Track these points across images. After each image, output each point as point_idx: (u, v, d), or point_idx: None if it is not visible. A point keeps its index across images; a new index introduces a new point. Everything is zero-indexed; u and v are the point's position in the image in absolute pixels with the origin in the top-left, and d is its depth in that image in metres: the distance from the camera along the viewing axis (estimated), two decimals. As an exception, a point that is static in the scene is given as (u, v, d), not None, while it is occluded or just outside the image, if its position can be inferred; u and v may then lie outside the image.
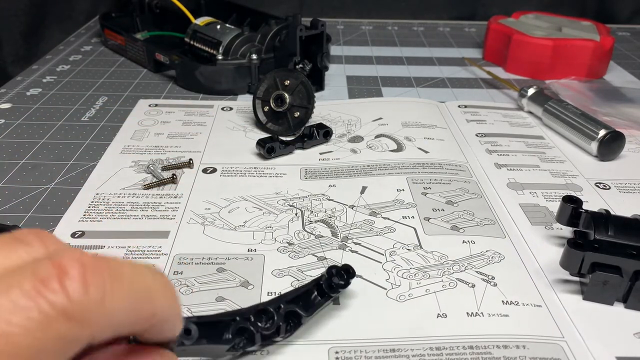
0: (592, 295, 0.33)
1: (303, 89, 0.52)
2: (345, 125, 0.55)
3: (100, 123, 0.55)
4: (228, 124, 0.55)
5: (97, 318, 0.17)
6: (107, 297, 0.17)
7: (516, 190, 0.45)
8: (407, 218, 0.41)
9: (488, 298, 0.33)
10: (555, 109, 0.55)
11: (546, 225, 0.41)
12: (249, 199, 0.43)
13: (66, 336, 0.16)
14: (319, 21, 0.60)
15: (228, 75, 0.62)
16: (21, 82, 0.65)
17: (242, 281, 0.34)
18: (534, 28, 0.72)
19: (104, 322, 0.17)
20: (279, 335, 0.29)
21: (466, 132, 0.55)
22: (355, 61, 0.75)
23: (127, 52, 0.72)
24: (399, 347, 0.30)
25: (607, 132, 0.50)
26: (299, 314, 0.30)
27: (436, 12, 0.96)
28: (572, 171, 0.48)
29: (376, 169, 0.47)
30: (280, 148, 0.49)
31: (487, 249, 0.38)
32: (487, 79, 0.69)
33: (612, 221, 0.35)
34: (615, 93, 0.65)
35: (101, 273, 0.17)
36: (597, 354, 0.30)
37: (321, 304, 0.31)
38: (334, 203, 0.43)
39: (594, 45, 0.68)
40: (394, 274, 0.35)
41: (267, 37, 0.63)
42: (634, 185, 0.46)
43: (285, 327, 0.29)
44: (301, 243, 0.38)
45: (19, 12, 0.73)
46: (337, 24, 0.92)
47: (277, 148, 0.48)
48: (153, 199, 0.42)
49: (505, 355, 0.29)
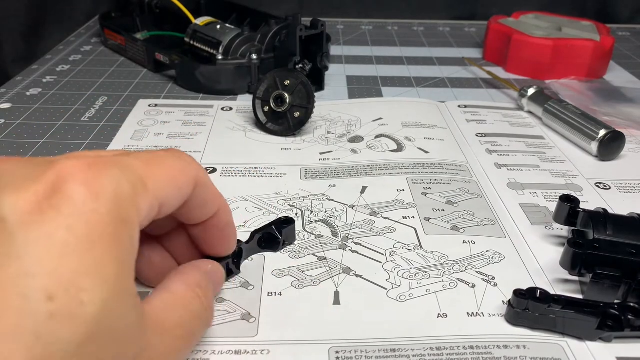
0: (592, 294, 0.33)
1: (303, 89, 0.52)
2: (345, 125, 0.55)
3: (100, 123, 0.55)
4: (228, 124, 0.55)
5: (144, 199, 0.22)
6: (147, 181, 0.23)
7: (516, 190, 0.45)
8: (408, 218, 0.41)
9: (488, 298, 0.33)
10: (556, 109, 0.55)
11: (546, 225, 0.41)
12: (249, 199, 0.43)
13: (135, 206, 0.22)
14: (319, 21, 0.60)
15: (228, 75, 0.62)
16: (21, 82, 0.65)
17: (242, 282, 0.34)
18: (534, 28, 0.72)
19: (153, 199, 0.23)
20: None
21: (466, 132, 0.55)
22: (355, 61, 0.75)
23: (127, 52, 0.72)
24: (400, 347, 0.30)
25: (607, 132, 0.50)
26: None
27: (436, 12, 0.96)
28: (572, 171, 0.48)
29: (376, 169, 0.47)
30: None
31: (488, 249, 0.38)
32: (487, 79, 0.69)
33: (610, 220, 0.35)
34: (615, 93, 0.65)
35: (149, 157, 0.25)
36: (598, 354, 0.30)
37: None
38: (334, 203, 0.43)
39: (594, 45, 0.68)
40: (394, 274, 0.35)
41: (267, 37, 0.63)
42: (634, 185, 0.46)
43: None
44: (301, 243, 0.38)
45: (19, 12, 0.73)
46: (337, 24, 0.92)
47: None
48: (153, 199, 0.42)
49: (506, 355, 0.29)
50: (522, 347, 0.30)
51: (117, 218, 0.20)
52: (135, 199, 0.22)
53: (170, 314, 0.24)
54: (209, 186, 0.27)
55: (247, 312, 0.32)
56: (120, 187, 0.21)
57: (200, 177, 0.26)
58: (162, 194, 0.23)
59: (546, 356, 0.29)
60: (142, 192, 0.22)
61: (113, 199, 0.20)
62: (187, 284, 0.26)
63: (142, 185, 0.22)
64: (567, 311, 0.30)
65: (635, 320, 0.30)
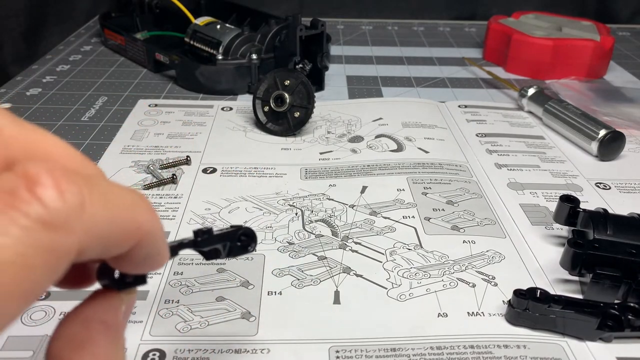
0: (593, 294, 0.33)
1: (303, 89, 0.52)
2: (345, 125, 0.55)
3: (100, 123, 0.55)
4: (228, 124, 0.55)
5: (79, 225, 0.15)
6: (86, 203, 0.15)
7: (516, 190, 0.45)
8: (408, 218, 0.41)
9: (489, 298, 0.33)
10: (556, 109, 0.55)
11: (546, 225, 0.41)
12: (249, 199, 0.43)
13: (51, 247, 0.15)
14: (319, 21, 0.60)
15: (228, 75, 0.62)
16: (21, 82, 0.65)
17: (242, 281, 0.34)
18: (534, 28, 0.72)
19: (88, 230, 0.16)
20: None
21: (466, 132, 0.55)
22: (355, 61, 0.75)
23: (127, 52, 0.72)
24: (400, 347, 0.30)
25: (607, 132, 0.50)
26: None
27: (436, 12, 0.96)
28: (573, 171, 0.48)
29: (376, 168, 0.47)
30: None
31: (488, 249, 0.38)
32: (487, 79, 0.69)
33: (611, 220, 0.35)
34: (615, 93, 0.65)
35: (75, 181, 0.15)
36: (598, 354, 0.30)
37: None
38: (334, 203, 0.43)
39: (594, 45, 0.68)
40: (395, 273, 0.35)
41: (267, 37, 0.63)
42: (634, 185, 0.46)
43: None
44: (301, 242, 0.38)
45: (19, 12, 0.73)
46: (337, 24, 0.92)
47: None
48: (153, 199, 0.42)
49: (506, 355, 0.29)
50: (522, 347, 0.30)
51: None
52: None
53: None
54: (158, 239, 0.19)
55: (247, 311, 0.32)
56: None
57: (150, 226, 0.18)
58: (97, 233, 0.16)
59: (546, 356, 0.29)
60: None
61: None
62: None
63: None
64: (567, 311, 0.30)
65: (635, 320, 0.30)
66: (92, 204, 0.15)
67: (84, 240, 0.15)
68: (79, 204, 0.15)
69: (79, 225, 0.15)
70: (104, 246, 0.17)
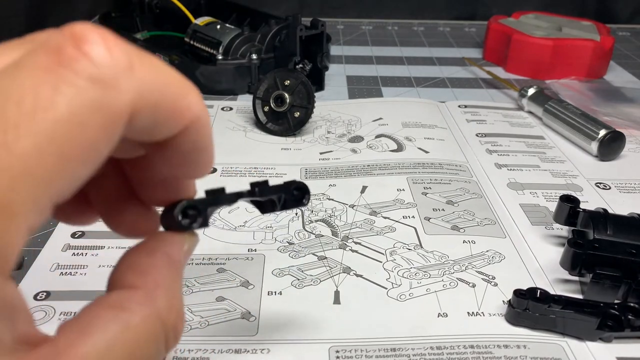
0: (593, 294, 0.33)
1: (303, 89, 0.52)
2: (345, 125, 0.55)
3: (100, 123, 0.55)
4: (228, 124, 0.55)
5: (130, 84, 0.15)
6: (135, 63, 0.15)
7: (516, 190, 0.45)
8: (408, 218, 0.41)
9: (489, 298, 0.33)
10: (556, 109, 0.55)
11: (546, 225, 0.41)
12: (249, 198, 0.43)
13: (102, 105, 0.14)
14: (319, 21, 0.60)
15: (228, 75, 0.62)
16: (21, 82, 0.65)
17: (243, 281, 0.34)
18: (534, 28, 0.72)
19: (139, 92, 0.15)
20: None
21: (466, 132, 0.55)
22: (355, 61, 0.75)
23: (127, 52, 0.72)
24: (400, 347, 0.30)
25: (607, 132, 0.50)
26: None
27: (436, 12, 0.96)
28: (573, 171, 0.48)
29: (376, 168, 0.47)
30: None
31: (488, 249, 0.38)
32: (487, 79, 0.69)
33: (611, 220, 0.35)
34: (615, 93, 0.65)
35: (123, 42, 0.15)
36: (598, 354, 0.30)
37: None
38: (334, 202, 0.43)
39: (594, 45, 0.68)
40: (395, 273, 0.35)
41: (267, 37, 0.63)
42: (634, 185, 0.46)
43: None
44: (301, 242, 0.38)
45: (19, 12, 0.73)
46: (337, 24, 0.92)
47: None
48: (153, 199, 0.42)
49: (506, 354, 0.29)
50: (522, 347, 0.30)
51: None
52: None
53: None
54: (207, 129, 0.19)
55: (247, 311, 0.32)
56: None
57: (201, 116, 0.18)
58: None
59: (546, 356, 0.29)
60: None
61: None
62: (152, 307, 0.17)
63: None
64: (567, 311, 0.30)
65: (635, 320, 0.30)
66: (142, 68, 0.15)
67: (136, 103, 0.15)
68: (128, 63, 0.15)
69: (130, 84, 0.15)
70: (155, 118, 0.16)
